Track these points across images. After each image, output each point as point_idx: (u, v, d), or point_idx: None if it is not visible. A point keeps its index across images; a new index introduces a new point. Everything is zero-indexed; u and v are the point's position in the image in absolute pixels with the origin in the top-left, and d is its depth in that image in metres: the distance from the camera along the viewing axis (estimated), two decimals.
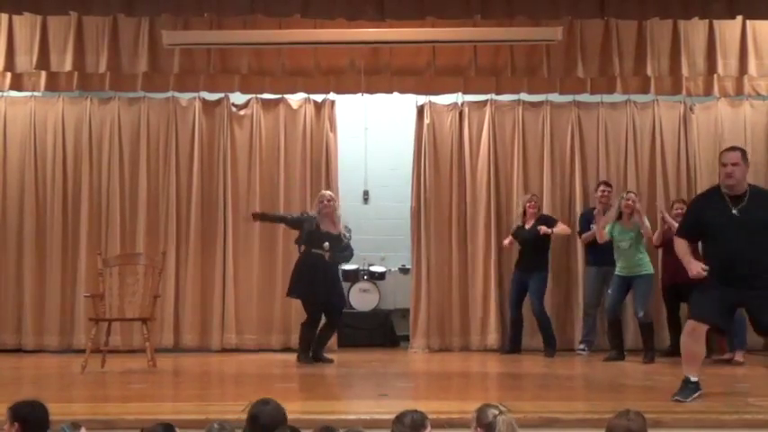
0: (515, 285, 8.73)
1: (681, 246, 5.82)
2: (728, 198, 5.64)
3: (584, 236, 8.78)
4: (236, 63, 8.54)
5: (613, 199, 8.67)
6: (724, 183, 5.67)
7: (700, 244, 6.17)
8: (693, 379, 5.64)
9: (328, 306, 8.09)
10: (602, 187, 8.88)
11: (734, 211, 5.57)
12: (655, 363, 7.88)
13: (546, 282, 8.71)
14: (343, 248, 8.12)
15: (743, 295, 5.57)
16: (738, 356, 7.73)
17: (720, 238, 5.60)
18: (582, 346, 8.76)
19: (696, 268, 5.62)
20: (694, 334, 5.68)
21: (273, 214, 8.52)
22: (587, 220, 8.81)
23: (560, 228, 8.69)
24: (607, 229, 8.23)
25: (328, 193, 8.39)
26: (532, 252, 8.63)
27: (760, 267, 5.54)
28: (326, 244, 7.96)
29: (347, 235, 8.18)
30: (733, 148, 5.97)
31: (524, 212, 8.74)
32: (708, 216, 5.69)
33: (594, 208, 8.86)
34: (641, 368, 7.65)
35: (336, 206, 8.26)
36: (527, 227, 8.68)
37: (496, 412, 3.63)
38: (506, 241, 8.87)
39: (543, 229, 8.53)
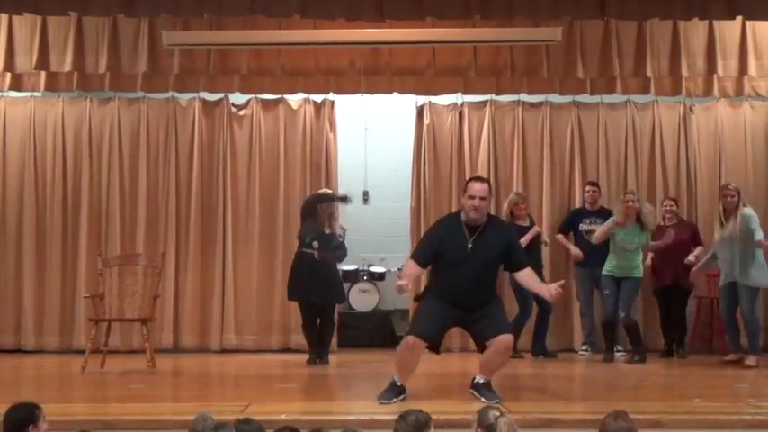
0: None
1: (412, 269, 5.80)
2: (467, 228, 5.71)
3: (559, 236, 8.83)
4: (236, 63, 8.54)
5: (600, 199, 8.83)
6: (468, 215, 5.71)
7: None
8: (400, 383, 5.70)
9: (319, 305, 8.10)
10: (589, 188, 8.90)
11: (469, 245, 5.67)
12: (648, 363, 7.89)
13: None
14: (335, 247, 8.09)
15: (463, 317, 5.75)
16: (751, 360, 7.68)
17: (453, 268, 5.70)
18: (584, 347, 8.76)
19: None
20: (413, 349, 5.75)
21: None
22: (576, 219, 8.82)
23: (528, 236, 8.39)
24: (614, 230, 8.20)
25: (330, 192, 8.40)
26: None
27: (483, 297, 5.72)
28: (315, 243, 7.95)
29: (341, 234, 8.17)
30: (481, 180, 5.97)
31: (512, 213, 8.57)
32: (446, 246, 5.73)
33: (582, 207, 8.89)
34: (640, 369, 7.65)
35: (335, 206, 8.25)
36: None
37: (497, 414, 3.67)
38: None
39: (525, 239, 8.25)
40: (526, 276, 5.90)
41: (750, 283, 7.66)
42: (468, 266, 5.65)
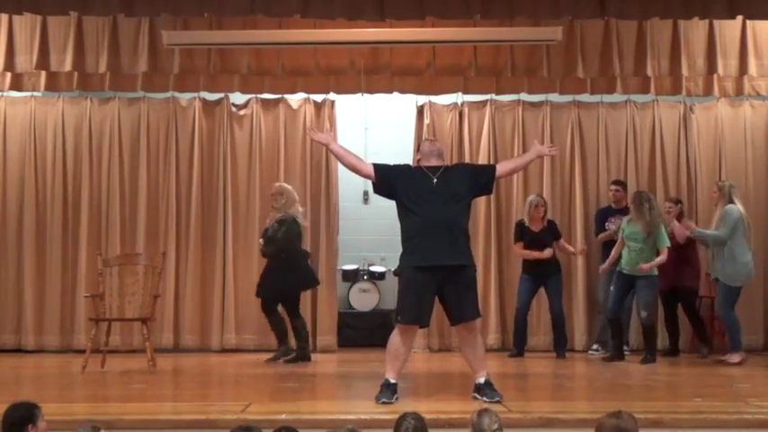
0: (528, 287, 8.60)
1: (361, 161, 5.99)
2: (426, 169, 5.75)
3: (600, 236, 8.79)
4: (236, 63, 8.54)
5: (625, 199, 8.72)
6: (430, 161, 5.80)
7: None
8: (393, 381, 5.65)
9: (269, 299, 8.20)
10: (612, 187, 8.88)
11: (434, 180, 5.67)
12: (654, 363, 7.87)
13: (563, 282, 8.73)
14: (267, 242, 8.16)
15: (441, 284, 5.60)
16: (734, 358, 7.68)
17: (421, 206, 5.62)
18: (595, 347, 8.74)
19: None
20: (407, 336, 5.75)
21: None
22: (602, 218, 8.80)
23: (548, 252, 8.52)
24: (622, 225, 8.15)
25: (276, 185, 8.44)
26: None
27: (458, 245, 5.62)
28: (261, 240, 8.27)
29: (275, 226, 8.12)
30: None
31: (531, 216, 8.58)
32: (409, 181, 5.72)
33: (609, 206, 8.87)
34: (641, 368, 7.65)
35: (278, 199, 8.22)
36: (535, 230, 8.57)
37: (495, 427, 3.65)
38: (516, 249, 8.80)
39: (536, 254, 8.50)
40: (504, 165, 6.21)
41: (725, 281, 7.69)
42: (436, 201, 5.59)
